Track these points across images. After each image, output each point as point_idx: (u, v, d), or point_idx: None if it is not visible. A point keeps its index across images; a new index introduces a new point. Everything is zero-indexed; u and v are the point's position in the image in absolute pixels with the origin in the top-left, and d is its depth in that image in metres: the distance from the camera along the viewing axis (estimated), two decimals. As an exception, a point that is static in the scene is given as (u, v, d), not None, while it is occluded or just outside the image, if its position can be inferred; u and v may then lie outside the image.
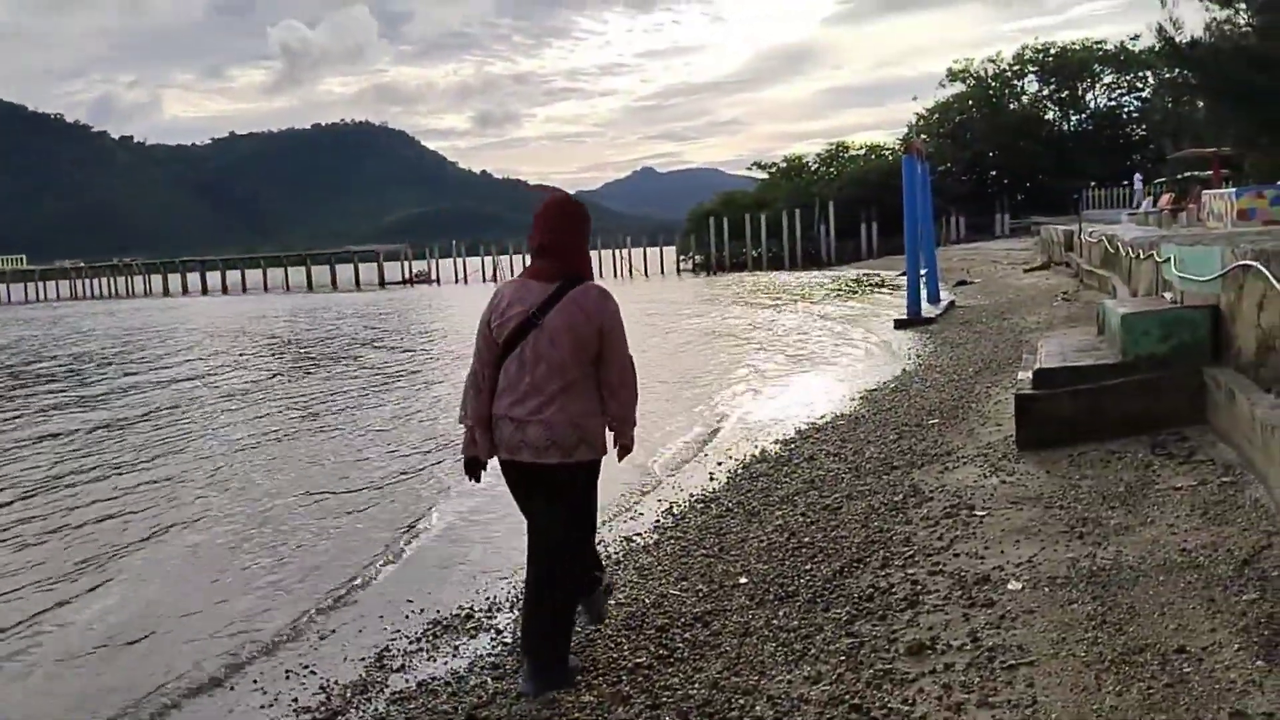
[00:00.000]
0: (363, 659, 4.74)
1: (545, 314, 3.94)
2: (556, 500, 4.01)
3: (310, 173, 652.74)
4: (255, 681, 4.65)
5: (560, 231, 4.07)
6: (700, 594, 4.91)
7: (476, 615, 5.12)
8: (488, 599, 5.37)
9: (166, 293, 78.07)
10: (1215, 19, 18.96)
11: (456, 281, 69.19)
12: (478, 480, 4.18)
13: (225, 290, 77.58)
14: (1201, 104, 24.45)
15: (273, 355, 23.24)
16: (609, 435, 4.11)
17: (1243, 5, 17.02)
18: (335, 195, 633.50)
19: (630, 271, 64.10)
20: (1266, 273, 5.36)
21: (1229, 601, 3.75)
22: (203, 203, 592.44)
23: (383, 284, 72.24)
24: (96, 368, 22.10)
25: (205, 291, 77.78)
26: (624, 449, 4.22)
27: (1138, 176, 33.76)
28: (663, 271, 64.17)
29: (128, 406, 15.03)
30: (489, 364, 4.02)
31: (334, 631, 5.23)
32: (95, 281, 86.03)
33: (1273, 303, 5.28)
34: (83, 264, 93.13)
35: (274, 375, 18.77)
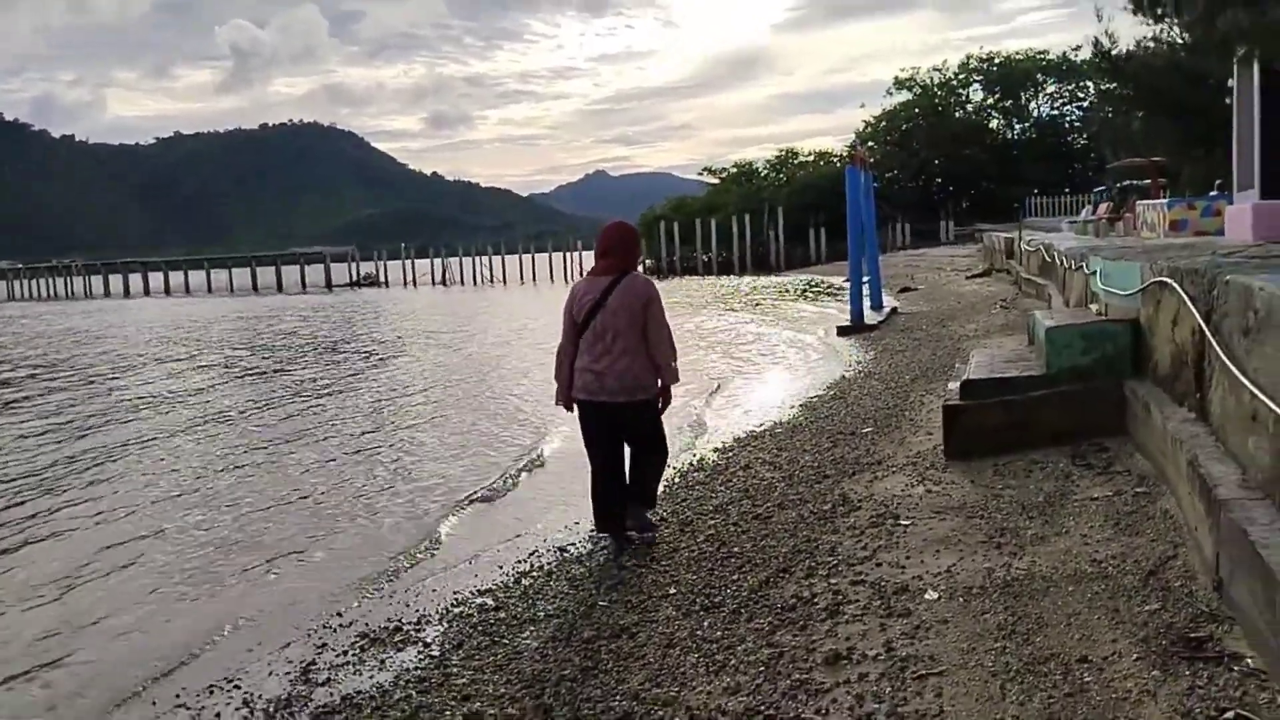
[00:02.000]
0: (288, 672, 4.72)
1: (608, 298, 5.72)
2: (635, 426, 5.88)
3: (257, 174, 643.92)
4: (177, 696, 4.61)
5: (616, 244, 5.92)
6: (629, 605, 4.97)
7: (405, 628, 5.12)
8: (417, 612, 5.37)
9: (107, 294, 76.62)
10: (1147, 35, 19.43)
11: (405, 285, 68.69)
12: (570, 411, 6.00)
13: (168, 292, 76.35)
14: (1140, 114, 24.95)
15: (233, 367, 22.94)
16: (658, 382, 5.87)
17: (1174, 20, 17.41)
18: (283, 196, 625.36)
19: (581, 274, 64.00)
20: (1179, 289, 5.52)
21: (1132, 612, 3.88)
22: (146, 203, 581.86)
23: (329, 287, 71.49)
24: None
25: (148, 293, 76.46)
26: (665, 390, 5.93)
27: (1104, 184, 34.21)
28: (613, 275, 64.15)
29: (61, 414, 14.77)
30: (570, 337, 5.85)
31: (259, 644, 5.19)
32: (34, 282, 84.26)
33: (1185, 319, 5.45)
34: (20, 265, 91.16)
35: (222, 386, 18.53)
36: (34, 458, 11.20)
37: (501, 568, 6.01)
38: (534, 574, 5.77)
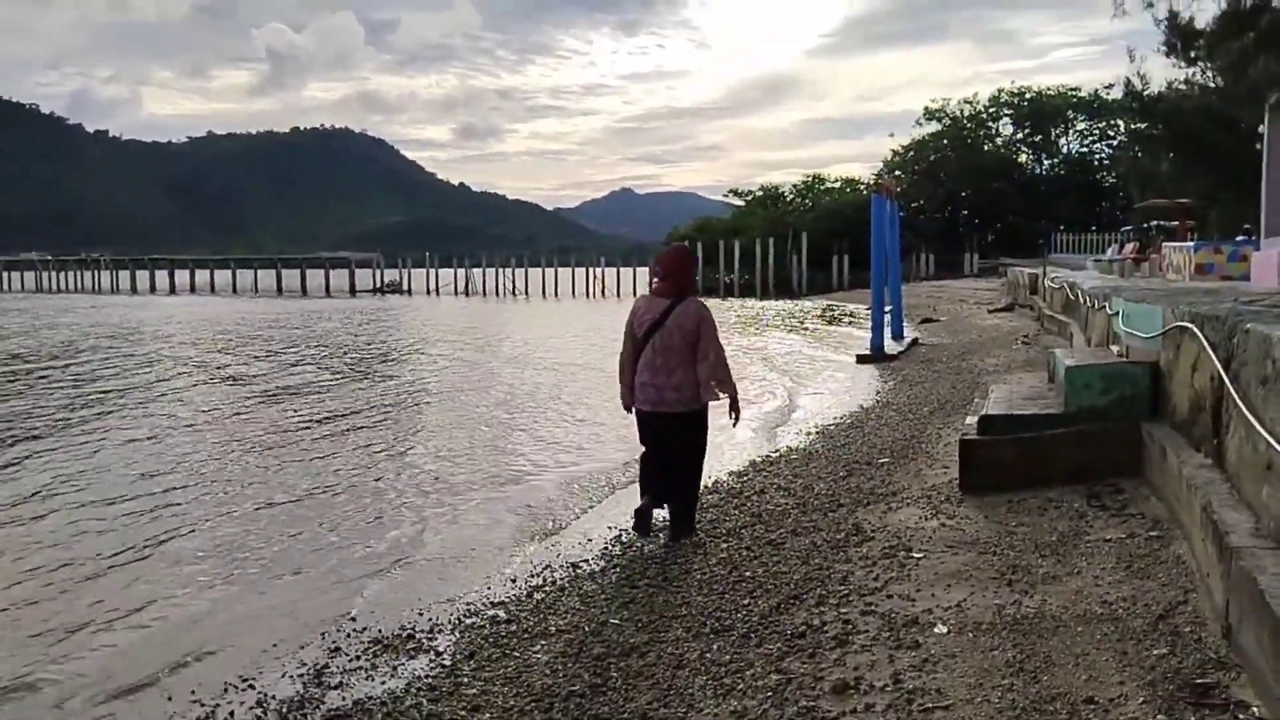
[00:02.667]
0: (302, 675, 4.78)
1: (666, 319, 6.36)
2: (688, 433, 6.49)
3: (287, 176, 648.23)
4: (193, 692, 4.68)
5: (676, 267, 6.66)
6: (640, 624, 5.02)
7: (418, 636, 5.18)
8: (430, 620, 5.44)
9: (134, 290, 77.23)
10: (1179, 78, 19.47)
11: (429, 293, 69.00)
12: (631, 413, 6.71)
13: (194, 290, 76.96)
14: (1170, 155, 24.96)
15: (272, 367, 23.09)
16: (722, 398, 6.51)
17: (1208, 64, 17.44)
18: (311, 200, 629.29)
19: (603, 291, 64.18)
20: (1200, 335, 5.55)
21: (1140, 655, 3.90)
22: (176, 201, 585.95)
23: (353, 292, 71.93)
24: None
25: (174, 290, 77.13)
26: (732, 401, 6.52)
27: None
28: (635, 293, 64.21)
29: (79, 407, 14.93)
30: (631, 352, 6.52)
31: (275, 645, 5.26)
32: (63, 275, 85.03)
33: (1204, 365, 5.47)
34: (50, 257, 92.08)
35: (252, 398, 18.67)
36: (114, 453, 11.35)
37: (515, 581, 6.08)
38: (546, 588, 5.83)
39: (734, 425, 6.80)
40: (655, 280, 6.75)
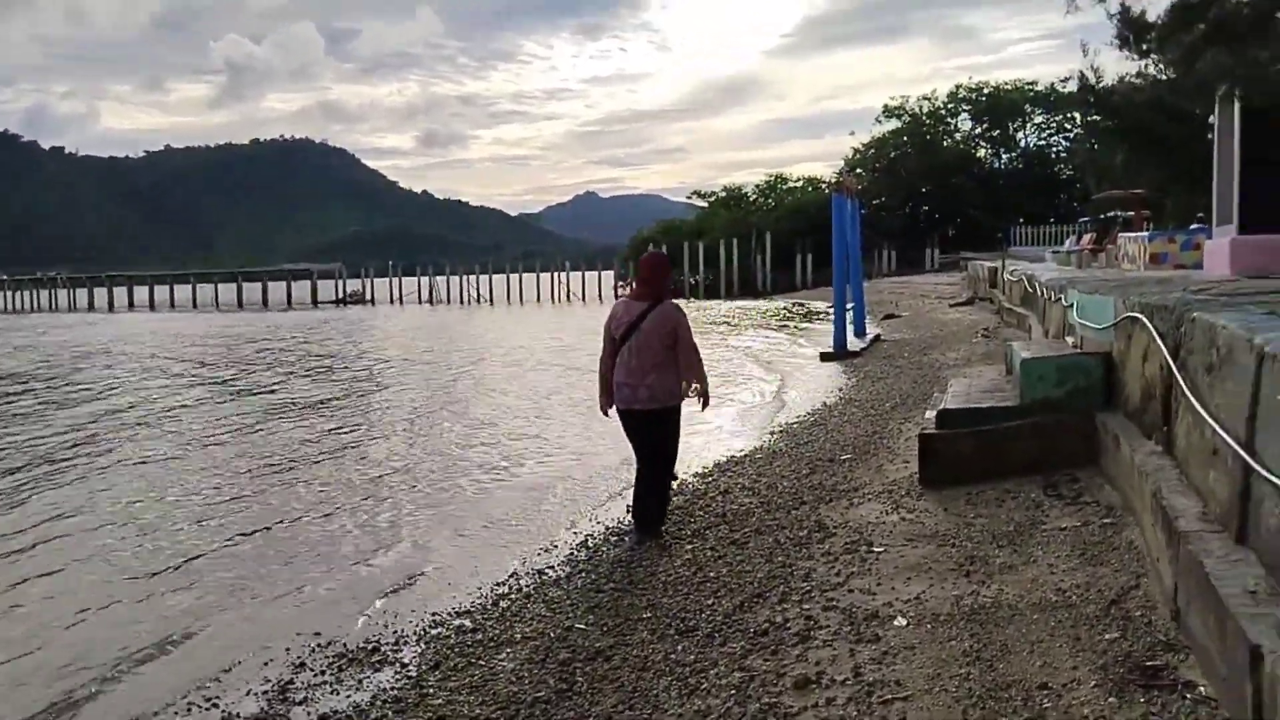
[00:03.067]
0: (266, 691, 4.77)
1: (642, 322, 6.64)
2: (658, 429, 6.70)
3: (247, 188, 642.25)
4: (156, 714, 4.66)
5: (652, 273, 6.91)
6: (606, 628, 5.04)
7: (382, 649, 5.18)
8: (394, 633, 5.43)
9: (91, 308, 76.25)
10: (1131, 71, 19.69)
11: (392, 303, 68.60)
12: (607, 415, 7.00)
13: (153, 307, 76.04)
14: (1124, 148, 25.24)
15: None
16: (691, 393, 6.78)
17: (1159, 57, 17.67)
18: (271, 212, 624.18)
19: (568, 295, 64.12)
20: (1149, 325, 5.65)
21: (1093, 640, 3.98)
22: (134, 216, 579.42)
23: (315, 303, 71.37)
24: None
25: (132, 307, 76.20)
26: (702, 395, 6.82)
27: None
28: (600, 297, 64.18)
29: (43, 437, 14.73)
30: (609, 353, 6.79)
31: (239, 663, 5.23)
32: (19, 295, 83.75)
33: (1154, 354, 5.57)
34: (4, 277, 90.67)
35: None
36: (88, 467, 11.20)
37: (480, 589, 6.07)
38: (512, 596, 5.84)
39: (702, 409, 7.09)
40: (632, 284, 7.05)
